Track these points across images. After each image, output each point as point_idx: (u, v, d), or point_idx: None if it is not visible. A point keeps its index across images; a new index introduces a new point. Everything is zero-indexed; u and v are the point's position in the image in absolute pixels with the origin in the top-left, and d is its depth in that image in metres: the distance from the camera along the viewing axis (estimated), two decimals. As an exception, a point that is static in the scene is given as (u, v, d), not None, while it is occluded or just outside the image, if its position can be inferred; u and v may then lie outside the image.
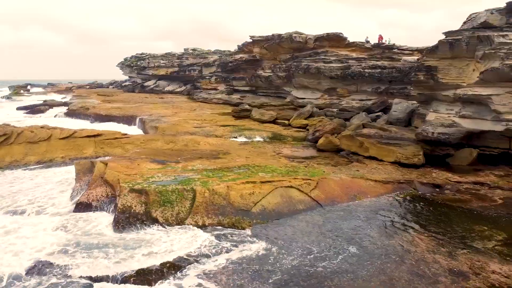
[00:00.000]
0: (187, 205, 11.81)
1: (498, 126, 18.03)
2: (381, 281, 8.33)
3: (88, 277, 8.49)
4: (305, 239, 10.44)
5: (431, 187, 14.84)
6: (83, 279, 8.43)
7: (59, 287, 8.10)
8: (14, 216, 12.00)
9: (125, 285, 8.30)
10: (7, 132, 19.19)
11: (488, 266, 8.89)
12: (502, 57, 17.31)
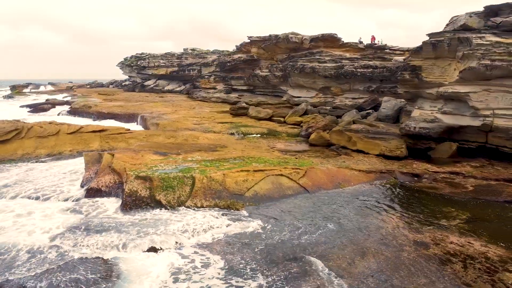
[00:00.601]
0: (187, 190, 13.26)
1: (476, 122, 19.52)
2: (353, 249, 9.79)
3: (102, 246, 9.93)
4: (291, 218, 11.90)
5: (410, 176, 16.31)
6: (98, 248, 9.87)
7: (77, 257, 9.52)
8: (33, 200, 13.46)
9: (132, 251, 9.72)
10: (18, 127, 20.64)
11: (448, 238, 10.34)
12: (479, 57, 18.77)
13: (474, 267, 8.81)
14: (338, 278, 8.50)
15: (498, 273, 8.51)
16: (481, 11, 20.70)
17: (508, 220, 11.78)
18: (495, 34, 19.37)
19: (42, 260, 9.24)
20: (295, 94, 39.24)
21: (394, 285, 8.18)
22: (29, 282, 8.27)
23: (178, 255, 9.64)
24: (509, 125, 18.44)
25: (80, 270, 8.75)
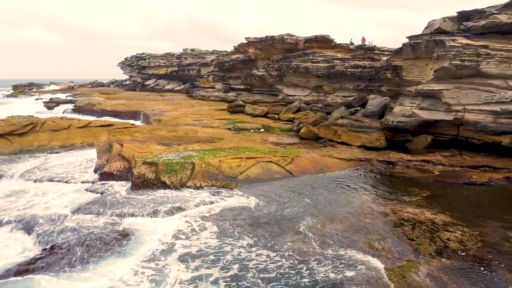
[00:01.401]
0: (187, 173, 15.46)
1: (448, 116, 21.75)
2: (324, 216, 11.98)
3: (118, 214, 12.12)
4: (277, 195, 14.09)
5: (385, 164, 18.51)
6: (114, 216, 12.05)
7: (99, 221, 11.70)
8: (55, 183, 15.68)
9: (145, 219, 11.91)
10: (33, 121, 22.83)
11: (405, 209, 12.53)
12: (451, 58, 21.01)
13: (421, 228, 11.00)
14: (311, 234, 10.70)
15: (438, 232, 10.70)
16: (455, 16, 22.92)
17: (460, 197, 13.99)
18: (466, 37, 21.60)
19: (70, 224, 11.42)
20: (290, 93, 41.41)
21: (353, 239, 10.37)
22: (61, 236, 10.45)
23: (180, 222, 11.82)
24: (477, 119, 20.67)
25: (102, 230, 10.94)
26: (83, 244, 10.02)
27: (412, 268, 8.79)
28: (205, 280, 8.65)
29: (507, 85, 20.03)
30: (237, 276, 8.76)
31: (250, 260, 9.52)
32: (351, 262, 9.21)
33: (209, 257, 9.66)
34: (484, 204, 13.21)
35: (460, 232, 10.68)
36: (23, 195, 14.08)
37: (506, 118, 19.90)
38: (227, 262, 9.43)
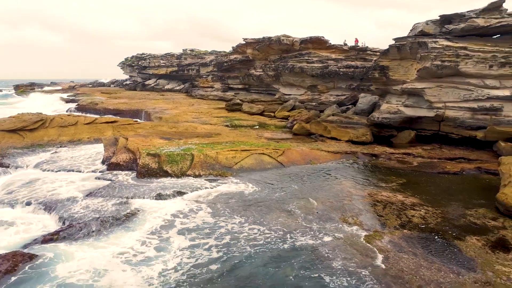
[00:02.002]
0: (187, 163, 17.12)
1: (430, 113, 23.42)
2: (309, 198, 13.63)
3: (126, 197, 13.79)
4: (267, 182, 15.74)
5: (369, 156, 20.18)
6: (123, 198, 13.71)
7: (110, 202, 13.35)
8: (68, 172, 17.34)
9: (150, 201, 13.56)
10: (42, 118, 24.50)
11: (380, 193, 14.20)
12: (432, 59, 22.70)
13: (391, 207, 12.67)
14: (296, 212, 12.37)
15: (405, 211, 12.38)
16: (437, 19, 24.58)
17: (432, 184, 15.66)
18: (447, 39, 23.29)
19: (85, 204, 13.07)
20: (286, 92, 43.11)
21: (331, 216, 12.04)
22: (77, 214, 12.12)
23: (179, 203, 13.46)
24: (456, 115, 22.36)
25: (113, 209, 12.60)
26: (97, 220, 11.68)
27: (377, 237, 10.45)
28: (201, 248, 10.28)
29: (484, 84, 21.73)
30: (229, 244, 10.41)
31: (241, 233, 11.17)
32: (327, 232, 10.87)
33: (205, 231, 11.30)
34: (453, 190, 14.88)
35: (424, 211, 12.36)
36: (40, 182, 15.73)
37: (482, 114, 21.59)
38: (220, 234, 11.07)
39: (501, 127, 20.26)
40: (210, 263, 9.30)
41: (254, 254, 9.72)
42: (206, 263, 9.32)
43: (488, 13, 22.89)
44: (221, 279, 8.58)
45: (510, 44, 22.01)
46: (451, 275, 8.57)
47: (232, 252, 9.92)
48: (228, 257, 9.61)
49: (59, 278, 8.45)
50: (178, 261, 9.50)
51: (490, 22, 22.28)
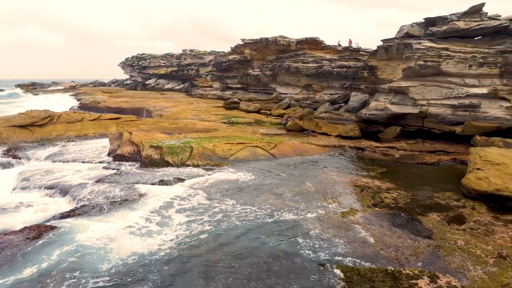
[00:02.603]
0: (187, 154, 18.76)
1: (415, 110, 25.06)
2: (295, 184, 15.27)
3: (131, 182, 15.43)
4: (260, 171, 17.38)
5: (356, 149, 21.82)
6: (130, 183, 15.35)
7: (117, 187, 14.99)
8: (77, 163, 18.96)
9: (153, 186, 15.20)
10: (50, 114, 26.14)
11: (360, 180, 15.83)
12: (416, 59, 24.34)
13: (367, 191, 14.31)
14: (285, 193, 13.99)
15: (380, 193, 14.02)
16: (422, 22, 26.23)
17: (409, 173, 17.31)
18: (431, 41, 24.94)
19: (96, 189, 14.71)
20: (283, 91, 44.77)
21: (314, 198, 13.67)
22: (89, 196, 13.75)
23: (179, 188, 15.07)
24: (438, 112, 24.00)
25: (120, 193, 14.23)
26: (107, 201, 13.33)
27: (351, 213, 12.10)
28: (196, 223, 11.87)
29: (464, 82, 23.40)
30: (221, 220, 12.01)
31: (232, 211, 12.77)
32: (309, 210, 12.50)
33: (200, 210, 12.90)
34: (427, 177, 16.52)
35: (397, 194, 14.01)
36: (53, 172, 17.38)
37: (462, 110, 23.25)
38: (214, 212, 12.67)
39: (477, 122, 21.92)
40: (202, 233, 10.91)
41: (241, 226, 11.34)
42: (199, 233, 10.91)
43: (469, 16, 24.56)
44: (212, 244, 10.18)
45: (489, 45, 23.67)
46: (409, 241, 10.21)
47: (223, 225, 11.53)
48: (219, 228, 11.23)
49: (77, 241, 10.08)
50: (176, 233, 11.09)
51: (470, 25, 23.93)
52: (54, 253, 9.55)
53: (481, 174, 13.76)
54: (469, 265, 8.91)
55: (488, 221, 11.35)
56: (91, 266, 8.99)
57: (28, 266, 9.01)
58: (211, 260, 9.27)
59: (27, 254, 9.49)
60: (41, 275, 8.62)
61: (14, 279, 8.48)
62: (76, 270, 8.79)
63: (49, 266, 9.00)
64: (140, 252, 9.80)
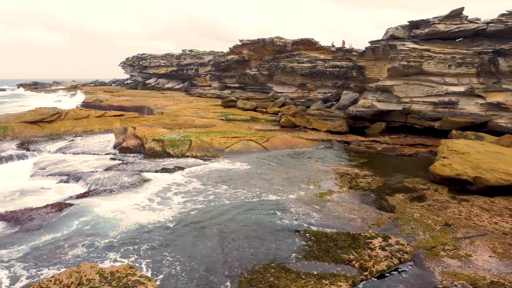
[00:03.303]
0: (186, 147, 20.71)
1: (399, 107, 27.01)
2: (283, 172, 17.20)
3: (139, 170, 17.37)
4: (252, 162, 19.31)
5: (342, 143, 23.76)
6: (135, 171, 17.29)
7: (123, 174, 16.91)
8: (85, 154, 20.90)
9: (156, 173, 17.13)
10: (59, 111, 28.09)
11: (341, 168, 17.76)
12: (400, 59, 26.30)
13: (346, 177, 16.25)
14: (272, 181, 15.92)
15: (357, 179, 15.95)
16: (407, 24, 28.18)
17: (387, 163, 19.24)
18: (414, 42, 26.92)
19: (105, 175, 16.64)
20: (279, 90, 46.71)
21: (298, 183, 15.59)
22: (100, 181, 15.69)
23: (178, 175, 16.95)
24: (420, 109, 25.95)
25: (127, 179, 16.16)
26: (116, 184, 15.26)
27: (328, 194, 14.04)
28: (191, 202, 13.69)
29: (444, 81, 25.35)
30: (213, 200, 13.86)
31: (224, 194, 14.62)
32: (292, 192, 14.43)
33: (196, 193, 14.70)
34: (402, 166, 18.47)
35: (371, 179, 15.95)
36: (65, 162, 19.32)
37: (442, 107, 25.20)
38: (207, 194, 14.47)
39: (453, 118, 23.87)
40: (196, 209, 12.74)
41: (229, 204, 13.23)
42: (193, 210, 12.74)
43: (450, 19, 26.51)
44: (204, 216, 12.05)
45: (468, 46, 25.62)
46: (373, 214, 12.15)
47: (215, 203, 13.37)
48: (211, 206, 13.09)
49: (93, 213, 12.02)
50: (174, 209, 12.92)
51: (450, 28, 25.89)
52: (73, 223, 11.48)
53: (445, 162, 15.69)
54: (419, 231, 10.84)
55: (445, 200, 13.29)
56: (103, 232, 10.90)
57: (53, 231, 10.94)
58: (204, 226, 11.18)
59: (52, 223, 11.42)
60: (63, 238, 10.54)
61: (43, 240, 10.40)
62: (91, 235, 10.69)
63: (69, 232, 10.92)
64: (144, 222, 11.70)
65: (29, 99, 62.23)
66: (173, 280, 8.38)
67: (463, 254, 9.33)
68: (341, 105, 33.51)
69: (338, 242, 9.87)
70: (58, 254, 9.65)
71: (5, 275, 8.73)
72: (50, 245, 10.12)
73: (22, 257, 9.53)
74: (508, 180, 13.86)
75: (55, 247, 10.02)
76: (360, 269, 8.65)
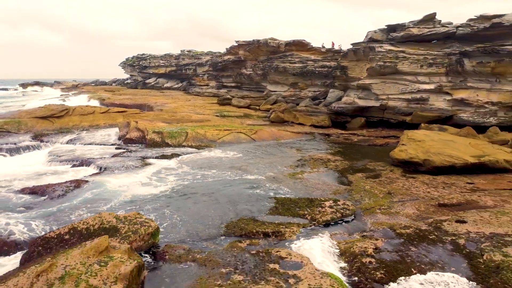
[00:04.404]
0: (183, 138, 23.65)
1: (377, 103, 29.96)
2: (266, 158, 20.13)
3: (141, 157, 20.32)
4: (240, 151, 22.24)
5: (324, 135, 26.70)
6: (138, 157, 20.23)
7: (128, 159, 19.85)
8: (94, 145, 23.88)
9: (156, 159, 20.06)
10: (67, 108, 31.05)
11: (317, 155, 20.68)
12: (377, 60, 29.25)
13: (319, 161, 19.17)
14: (256, 164, 18.86)
15: (327, 163, 18.87)
16: (385, 28, 31.11)
17: (358, 151, 22.18)
18: (391, 44, 29.88)
19: (113, 160, 19.59)
20: (272, 89, 49.63)
21: (277, 166, 18.52)
22: (109, 165, 18.64)
23: (174, 161, 19.82)
24: (395, 105, 28.90)
25: (131, 163, 19.09)
26: (122, 166, 18.21)
27: (299, 173, 16.97)
28: (185, 180, 16.57)
29: (416, 79, 28.30)
30: (200, 178, 16.71)
31: (212, 175, 17.43)
32: (269, 172, 17.36)
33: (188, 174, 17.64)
34: (371, 154, 21.39)
35: (340, 163, 18.89)
36: (77, 151, 22.26)
37: (414, 103, 28.14)
38: (198, 175, 17.31)
39: (423, 113, 26.82)
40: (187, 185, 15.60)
41: (216, 181, 16.11)
42: (185, 185, 15.66)
43: (424, 23, 29.48)
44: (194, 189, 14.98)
45: (439, 48, 28.58)
46: (333, 187, 15.08)
47: (203, 181, 16.26)
48: (200, 182, 15.98)
49: (104, 186, 14.96)
50: (169, 185, 15.83)
51: (422, 31, 28.87)
52: (88, 193, 14.40)
53: (403, 148, 18.64)
54: (366, 197, 13.77)
55: (396, 177, 16.22)
56: (111, 199, 13.78)
57: (73, 199, 13.85)
58: (194, 196, 14.08)
59: (72, 194, 14.36)
60: (81, 203, 13.43)
61: (65, 205, 13.31)
62: (102, 201, 13.58)
63: (85, 199, 13.82)
64: (144, 193, 14.58)
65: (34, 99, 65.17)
66: (171, 227, 11.30)
67: (393, 211, 12.26)
68: (328, 102, 36.40)
69: (298, 204, 12.80)
70: (77, 212, 12.56)
71: (36, 226, 11.58)
72: (71, 207, 13.04)
73: (50, 215, 12.44)
74: (450, 161, 16.81)
75: (75, 208, 12.95)
76: (311, 220, 11.58)
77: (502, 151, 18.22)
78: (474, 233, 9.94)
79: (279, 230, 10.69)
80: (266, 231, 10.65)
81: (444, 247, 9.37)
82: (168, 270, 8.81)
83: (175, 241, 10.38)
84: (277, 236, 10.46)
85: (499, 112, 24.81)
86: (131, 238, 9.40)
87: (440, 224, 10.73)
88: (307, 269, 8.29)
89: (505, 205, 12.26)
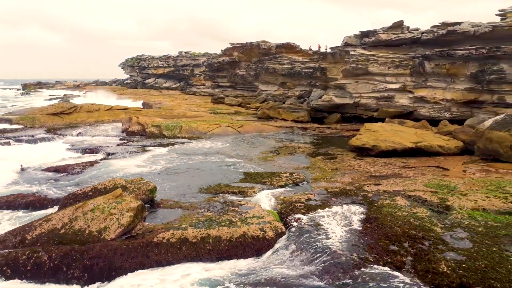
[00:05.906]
0: (178, 130, 27.88)
1: (351, 101, 34.16)
2: (247, 148, 24.34)
3: (142, 145, 24.55)
4: (227, 142, 26.44)
5: (302, 129, 30.91)
6: (140, 146, 24.45)
7: (130, 147, 24.06)
8: (101, 136, 28.13)
9: (154, 147, 24.27)
10: (75, 105, 35.32)
11: (290, 144, 24.87)
12: (351, 62, 33.46)
13: (290, 149, 23.36)
14: (239, 153, 23.06)
15: (296, 149, 23.07)
16: (359, 34, 35.29)
17: (326, 141, 26.38)
18: (364, 48, 34.07)
19: (118, 148, 23.81)
20: (264, 89, 53.82)
21: (253, 153, 22.72)
22: (115, 151, 22.86)
23: (168, 149, 24.04)
24: (366, 102, 33.10)
25: (134, 149, 23.31)
26: (127, 152, 22.45)
27: (270, 157, 21.17)
28: (176, 162, 20.75)
29: (385, 80, 32.50)
30: (189, 161, 20.93)
31: (199, 159, 21.68)
32: (246, 158, 21.54)
33: (179, 158, 21.85)
34: (337, 143, 25.59)
35: (307, 149, 23.10)
36: (87, 142, 26.49)
37: (382, 101, 32.34)
38: (187, 159, 21.54)
39: (388, 109, 31.03)
40: (177, 166, 19.89)
41: (200, 163, 20.30)
42: (174, 166, 19.88)
43: (393, 30, 33.65)
44: (182, 168, 19.18)
45: (405, 52, 32.76)
46: (295, 165, 19.27)
47: (191, 162, 20.48)
48: (188, 163, 20.21)
49: (110, 167, 19.18)
50: (162, 166, 20.02)
51: (390, 37, 33.05)
52: (99, 170, 18.63)
53: (359, 137, 22.83)
54: (317, 172, 17.96)
55: (347, 159, 20.41)
56: (116, 174, 17.99)
57: (88, 174, 18.06)
58: (182, 172, 18.31)
59: (87, 170, 18.59)
60: (94, 176, 17.63)
61: (84, 177, 17.52)
62: (110, 174, 17.78)
63: (97, 174, 18.03)
64: (142, 171, 18.82)
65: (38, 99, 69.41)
66: (164, 190, 15.51)
67: (333, 180, 16.44)
68: (310, 100, 40.62)
69: (263, 176, 17.02)
70: (93, 181, 16.74)
71: (64, 190, 15.75)
72: (88, 178, 17.27)
73: (73, 183, 16.64)
74: (393, 146, 21.02)
75: (91, 178, 17.17)
76: (270, 184, 15.79)
77: (439, 139, 22.42)
78: (382, 191, 14.14)
79: (244, 190, 14.91)
80: (234, 191, 14.88)
81: (357, 198, 13.56)
82: (162, 212, 13.04)
83: (167, 197, 14.61)
84: (242, 193, 14.68)
85: (452, 107, 29.00)
86: (136, 192, 13.61)
87: (362, 186, 14.93)
88: (256, 209, 12.50)
89: (418, 176, 16.44)
